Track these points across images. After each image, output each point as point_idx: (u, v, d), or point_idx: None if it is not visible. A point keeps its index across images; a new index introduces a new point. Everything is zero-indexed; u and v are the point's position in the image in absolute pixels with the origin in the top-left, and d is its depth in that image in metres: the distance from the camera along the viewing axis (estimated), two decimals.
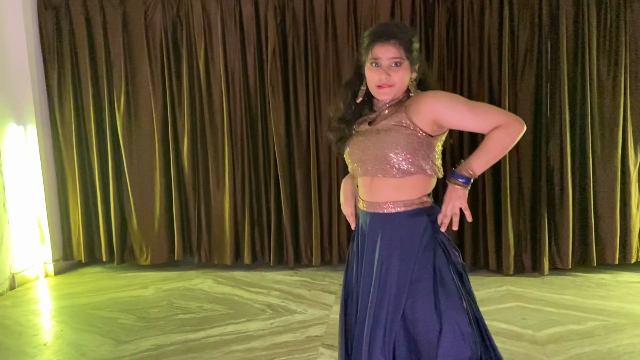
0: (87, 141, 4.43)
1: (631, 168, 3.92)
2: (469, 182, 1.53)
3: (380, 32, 1.56)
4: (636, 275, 3.96)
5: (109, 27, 4.28)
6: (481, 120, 1.52)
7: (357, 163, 1.64)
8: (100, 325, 3.31)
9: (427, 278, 1.54)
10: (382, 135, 1.57)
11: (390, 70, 1.53)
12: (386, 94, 1.57)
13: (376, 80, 1.55)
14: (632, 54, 3.87)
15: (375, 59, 1.54)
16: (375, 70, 1.54)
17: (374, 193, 1.62)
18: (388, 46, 1.53)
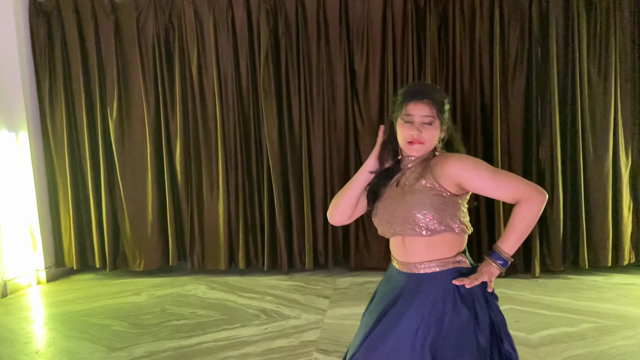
0: (79, 147, 4.42)
1: (622, 170, 3.95)
2: (506, 265, 1.57)
3: (415, 91, 1.61)
4: (629, 277, 3.98)
5: (101, 33, 4.28)
6: (503, 190, 1.57)
7: (386, 225, 1.65)
8: (92, 333, 3.28)
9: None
10: (409, 196, 1.59)
11: (422, 128, 1.57)
12: (416, 150, 1.60)
13: (407, 135, 1.59)
14: (621, 57, 3.91)
15: (409, 115, 1.58)
16: (407, 127, 1.59)
17: (408, 253, 1.64)
18: (422, 105, 1.57)
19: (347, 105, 4.21)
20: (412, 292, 1.59)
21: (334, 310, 3.51)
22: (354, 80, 4.21)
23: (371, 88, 4.18)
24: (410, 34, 4.03)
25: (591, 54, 3.93)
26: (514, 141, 4.03)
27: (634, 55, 3.92)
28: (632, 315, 3.25)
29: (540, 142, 3.98)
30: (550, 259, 4.04)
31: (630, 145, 3.98)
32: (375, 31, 4.13)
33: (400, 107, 1.61)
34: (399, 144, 1.64)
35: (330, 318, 3.38)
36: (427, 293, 1.58)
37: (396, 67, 4.11)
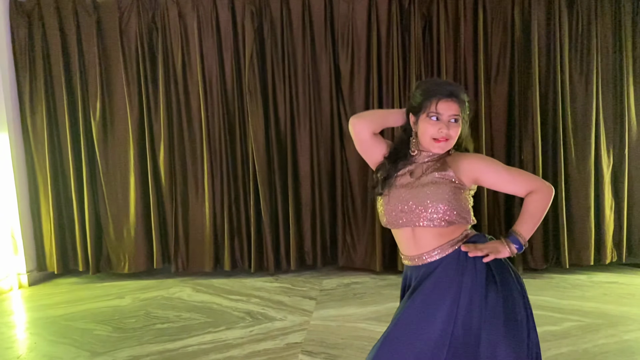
0: (60, 149, 4.36)
1: (604, 170, 4.00)
2: (521, 250, 1.62)
3: (444, 89, 1.62)
4: (611, 275, 4.04)
5: (83, 33, 4.22)
6: (518, 184, 1.67)
7: (399, 214, 1.65)
8: (75, 337, 3.24)
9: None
10: (428, 187, 1.63)
11: (449, 126, 1.61)
12: (441, 148, 1.64)
13: (435, 132, 1.61)
14: (603, 58, 3.96)
15: (438, 113, 1.61)
16: (434, 124, 1.61)
17: (418, 245, 1.65)
18: (452, 103, 1.61)
19: (332, 105, 4.21)
20: (429, 280, 1.62)
21: (319, 312, 3.50)
22: (339, 81, 4.21)
23: (356, 88, 4.18)
24: (395, 34, 4.04)
25: (572, 55, 3.97)
26: (497, 142, 4.07)
27: (615, 55, 3.97)
28: (615, 314, 3.29)
29: (523, 142, 4.02)
30: (533, 258, 4.09)
31: (612, 145, 4.03)
32: (360, 32, 4.13)
33: (425, 104, 1.62)
34: (420, 138, 1.66)
35: (316, 319, 3.37)
36: (443, 275, 1.61)
37: (381, 67, 4.12)
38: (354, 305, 3.60)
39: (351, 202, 4.31)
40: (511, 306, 1.57)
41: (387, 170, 1.70)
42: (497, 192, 4.14)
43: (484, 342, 1.53)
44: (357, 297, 3.77)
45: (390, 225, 1.69)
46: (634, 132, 4.01)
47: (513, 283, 1.62)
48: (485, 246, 1.60)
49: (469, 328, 1.55)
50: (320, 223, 4.30)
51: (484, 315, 1.54)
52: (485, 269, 1.59)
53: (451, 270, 1.60)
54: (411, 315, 1.60)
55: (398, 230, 1.70)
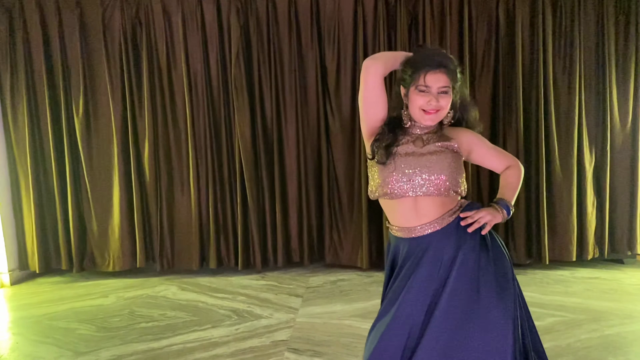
0: (42, 146, 4.29)
1: (587, 167, 4.05)
2: (509, 214, 1.68)
3: (431, 60, 1.61)
4: (594, 271, 4.10)
5: (65, 28, 4.16)
6: (500, 160, 1.77)
7: (405, 184, 1.63)
8: (58, 337, 3.19)
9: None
10: (433, 156, 1.64)
11: (438, 97, 1.60)
12: (431, 119, 1.63)
13: (424, 104, 1.61)
14: (586, 56, 4.01)
15: (426, 86, 1.60)
16: (423, 95, 1.60)
17: (420, 215, 1.65)
18: (439, 74, 1.59)
19: (319, 102, 4.20)
20: (428, 255, 1.63)
21: (306, 309, 3.50)
22: (326, 78, 4.20)
23: (343, 85, 4.18)
24: (381, 31, 4.04)
25: (556, 53, 4.02)
26: None
27: (597, 53, 4.02)
28: (597, 309, 3.34)
29: (507, 139, 4.06)
30: (516, 253, 4.14)
31: (594, 142, 4.08)
32: (347, 28, 4.12)
33: (414, 77, 1.61)
34: (410, 110, 1.66)
35: (302, 317, 3.37)
36: (441, 245, 1.62)
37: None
38: (340, 302, 3.60)
39: (338, 199, 4.31)
40: (502, 268, 1.61)
41: (388, 138, 1.67)
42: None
43: (482, 303, 1.55)
44: (344, 294, 3.77)
45: (391, 196, 1.65)
46: (616, 129, 4.06)
47: (501, 246, 1.68)
48: (481, 212, 1.61)
49: (461, 292, 1.56)
50: (307, 220, 4.30)
51: (481, 278, 1.57)
52: (479, 235, 1.63)
53: (451, 243, 1.62)
54: (417, 295, 1.60)
55: (397, 201, 1.66)
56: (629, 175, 4.10)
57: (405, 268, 1.66)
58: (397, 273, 1.69)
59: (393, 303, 1.62)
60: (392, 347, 1.57)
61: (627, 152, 4.08)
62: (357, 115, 4.16)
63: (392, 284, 1.70)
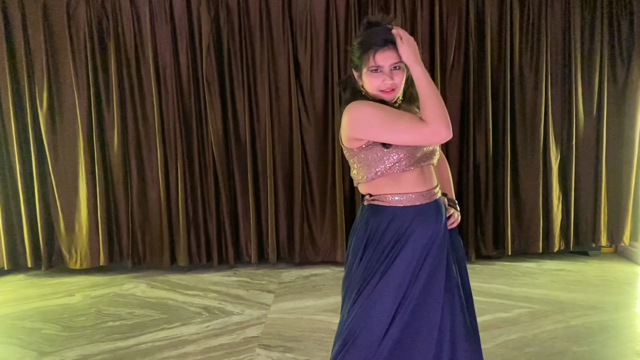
0: (6, 140, 4.15)
1: (552, 161, 4.14)
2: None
3: (376, 39, 1.55)
4: (560, 263, 4.20)
5: (29, 20, 4.02)
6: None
7: (419, 156, 1.62)
8: (22, 337, 3.10)
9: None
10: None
11: (392, 75, 1.56)
12: (390, 97, 1.60)
13: (380, 84, 1.57)
14: (552, 52, 4.08)
15: (378, 66, 1.55)
16: (376, 76, 1.57)
17: (427, 181, 1.66)
18: (389, 52, 1.54)
19: (291, 97, 4.16)
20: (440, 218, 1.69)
21: (278, 305, 3.49)
22: (299, 73, 4.17)
23: (315, 80, 4.16)
24: (353, 25, 4.03)
25: (523, 50, 4.08)
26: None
27: (564, 49, 4.09)
28: (563, 300, 3.42)
29: (476, 134, 4.12)
30: (484, 245, 4.22)
31: (560, 137, 4.17)
32: (319, 22, 4.10)
33: (363, 58, 1.57)
34: (368, 92, 1.63)
35: (274, 313, 3.36)
36: (442, 214, 1.70)
37: (340, 59, 4.11)
38: (313, 297, 3.60)
39: (310, 194, 4.29)
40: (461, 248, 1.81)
41: None
42: None
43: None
44: (316, 289, 3.77)
45: (399, 168, 1.59)
46: (581, 125, 4.16)
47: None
48: (456, 213, 1.79)
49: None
50: (280, 215, 4.27)
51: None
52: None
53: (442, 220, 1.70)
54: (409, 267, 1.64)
55: (403, 173, 1.61)
56: (594, 169, 4.20)
57: (403, 240, 1.62)
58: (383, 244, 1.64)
59: (383, 271, 1.61)
60: (385, 313, 1.60)
61: (591, 146, 4.18)
62: (329, 109, 4.15)
63: (376, 254, 1.64)
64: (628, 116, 4.13)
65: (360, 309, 1.61)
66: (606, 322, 3.08)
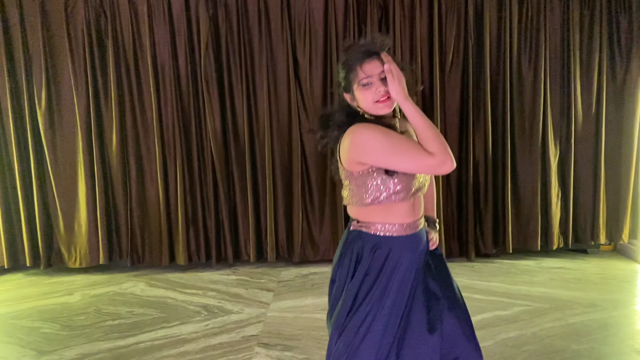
0: (5, 139, 4.15)
1: (551, 159, 4.14)
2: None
3: (361, 51, 1.55)
4: (559, 261, 4.20)
5: (27, 20, 4.01)
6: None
7: (416, 186, 1.60)
8: (21, 336, 3.10)
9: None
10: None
11: (384, 83, 1.53)
12: (387, 106, 1.55)
13: (374, 95, 1.53)
14: (551, 51, 4.08)
15: (367, 77, 1.53)
16: (368, 88, 1.54)
17: (416, 211, 1.65)
18: (374, 62, 1.53)
19: (290, 96, 4.16)
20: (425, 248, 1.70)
21: (277, 303, 3.49)
22: (297, 71, 4.16)
23: (314, 79, 4.15)
24: (352, 24, 4.03)
25: (522, 48, 4.08)
26: (450, 132, 4.14)
27: (562, 47, 4.09)
28: (561, 298, 3.42)
29: (475, 132, 4.11)
30: (484, 243, 4.22)
31: (559, 135, 4.17)
32: (317, 21, 4.09)
33: (352, 75, 1.55)
34: (364, 109, 1.59)
35: (273, 311, 3.36)
36: (424, 243, 1.71)
37: (339, 58, 4.09)
38: (312, 295, 3.60)
39: (309, 193, 4.29)
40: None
41: None
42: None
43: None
44: (315, 287, 3.77)
45: (399, 198, 1.58)
46: (579, 123, 4.16)
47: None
48: (434, 237, 1.79)
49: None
50: (279, 214, 4.27)
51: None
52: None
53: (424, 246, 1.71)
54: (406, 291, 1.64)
55: (397, 203, 1.59)
56: (592, 168, 4.20)
57: (392, 269, 1.61)
58: (380, 275, 1.61)
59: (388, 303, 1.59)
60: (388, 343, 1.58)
61: (590, 144, 4.18)
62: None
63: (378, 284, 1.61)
64: (627, 114, 4.13)
65: (349, 345, 1.57)
66: (605, 320, 3.08)
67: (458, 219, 4.26)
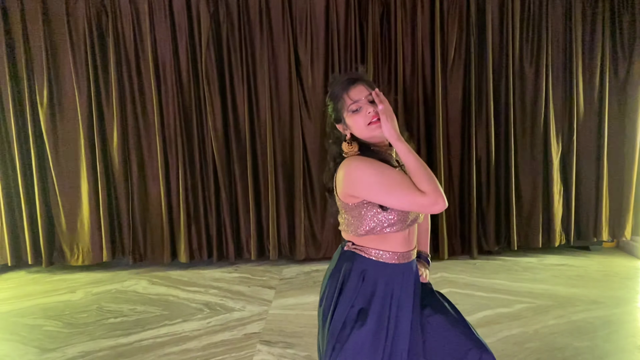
0: (7, 137, 4.15)
1: (553, 156, 4.13)
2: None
3: (345, 80, 1.58)
4: (560, 258, 4.19)
5: (28, 16, 4.01)
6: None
7: (411, 218, 1.59)
8: (23, 334, 3.11)
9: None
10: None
11: (373, 105, 1.54)
12: (379, 127, 1.52)
13: (365, 117, 1.53)
14: (553, 46, 4.06)
15: (354, 102, 1.55)
16: (358, 113, 1.55)
17: (410, 241, 1.64)
18: (360, 87, 1.56)
19: (291, 93, 4.15)
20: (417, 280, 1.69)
21: (279, 301, 3.49)
22: (299, 68, 4.15)
23: (316, 76, 4.14)
24: (353, 22, 4.01)
25: (523, 45, 4.06)
26: (452, 129, 4.13)
27: (565, 45, 4.07)
28: (564, 295, 3.41)
29: (477, 129, 4.10)
30: (486, 240, 4.21)
31: (561, 132, 4.16)
32: (319, 17, 4.08)
33: (340, 104, 1.58)
34: (358, 135, 1.58)
35: (275, 309, 3.36)
36: (414, 273, 1.69)
37: (340, 55, 4.09)
38: (314, 293, 3.60)
39: (311, 190, 4.29)
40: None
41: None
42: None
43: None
44: (317, 285, 3.77)
45: (396, 230, 1.58)
46: (581, 119, 4.14)
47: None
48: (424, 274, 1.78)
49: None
50: (280, 212, 4.26)
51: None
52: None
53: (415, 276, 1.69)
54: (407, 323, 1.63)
55: (391, 234, 1.59)
56: (595, 164, 4.19)
57: (391, 298, 1.60)
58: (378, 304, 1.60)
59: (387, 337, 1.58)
60: None
61: (593, 140, 4.17)
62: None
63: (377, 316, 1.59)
64: (630, 110, 4.11)
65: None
66: (608, 317, 3.07)
67: (460, 217, 4.25)
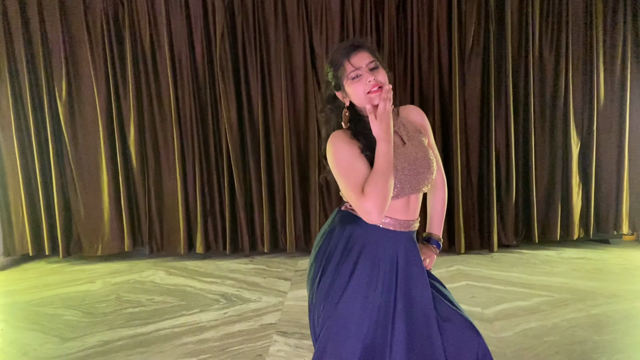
0: (28, 130, 4.22)
1: (573, 147, 4.06)
2: (440, 249, 1.77)
3: (346, 47, 1.54)
4: (579, 251, 4.13)
5: (45, 10, 4.06)
6: (439, 166, 1.69)
7: (407, 185, 1.54)
8: (44, 323, 3.17)
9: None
10: (425, 152, 1.57)
11: (372, 73, 1.51)
12: (379, 96, 1.48)
13: (365, 86, 1.50)
14: (573, 36, 3.99)
15: (355, 69, 1.50)
16: (358, 81, 1.51)
17: (410, 211, 1.59)
18: (360, 54, 1.51)
19: (307, 85, 4.14)
20: (416, 253, 1.60)
21: (294, 292, 3.50)
22: (315, 61, 4.13)
23: None
24: (369, 11, 3.98)
25: (544, 33, 3.99)
26: (470, 120, 4.08)
27: (585, 35, 3.99)
28: (582, 289, 3.37)
29: (496, 120, 4.04)
30: (505, 234, 4.16)
31: (581, 123, 4.08)
32: (334, 9, 4.05)
33: (340, 71, 1.53)
34: (357, 103, 1.55)
35: (291, 300, 3.37)
36: (413, 245, 1.61)
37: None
38: None
39: (326, 183, 4.28)
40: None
41: (367, 145, 1.53)
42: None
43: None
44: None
45: (394, 195, 1.53)
46: (602, 110, 4.06)
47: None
48: (427, 261, 1.72)
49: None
50: (294, 204, 4.27)
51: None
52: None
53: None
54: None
55: (392, 201, 1.54)
56: (616, 156, 4.11)
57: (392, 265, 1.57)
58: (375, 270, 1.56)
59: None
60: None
61: (613, 133, 4.09)
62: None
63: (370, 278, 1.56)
64: None
65: (326, 330, 1.56)
66: (627, 311, 3.02)
67: (479, 210, 4.18)
